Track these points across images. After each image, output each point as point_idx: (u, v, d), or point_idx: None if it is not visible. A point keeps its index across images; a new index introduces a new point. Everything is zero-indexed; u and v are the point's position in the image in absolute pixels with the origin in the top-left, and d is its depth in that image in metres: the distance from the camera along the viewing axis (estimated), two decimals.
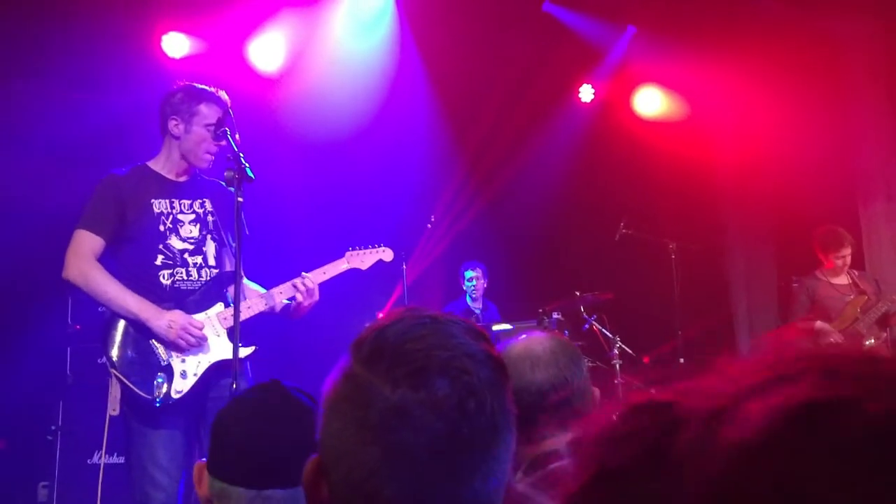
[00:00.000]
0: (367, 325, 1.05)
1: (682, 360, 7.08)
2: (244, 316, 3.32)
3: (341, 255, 3.81)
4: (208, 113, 3.45)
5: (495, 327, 6.66)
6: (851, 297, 6.06)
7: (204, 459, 1.49)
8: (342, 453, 0.95)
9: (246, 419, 1.46)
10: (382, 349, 0.96)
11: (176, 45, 6.19)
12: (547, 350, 1.84)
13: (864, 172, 7.23)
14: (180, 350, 3.30)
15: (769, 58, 6.87)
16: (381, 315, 6.71)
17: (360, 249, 3.85)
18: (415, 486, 0.92)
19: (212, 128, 3.43)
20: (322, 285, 3.71)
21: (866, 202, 7.23)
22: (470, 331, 1.01)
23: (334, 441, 0.97)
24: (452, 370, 0.94)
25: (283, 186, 6.11)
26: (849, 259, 6.10)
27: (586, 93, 7.96)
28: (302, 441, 1.41)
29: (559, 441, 1.79)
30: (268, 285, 3.64)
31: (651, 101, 8.07)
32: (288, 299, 3.61)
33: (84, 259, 3.31)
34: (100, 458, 4.10)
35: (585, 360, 6.23)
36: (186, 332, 3.28)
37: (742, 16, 6.84)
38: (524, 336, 1.91)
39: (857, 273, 6.20)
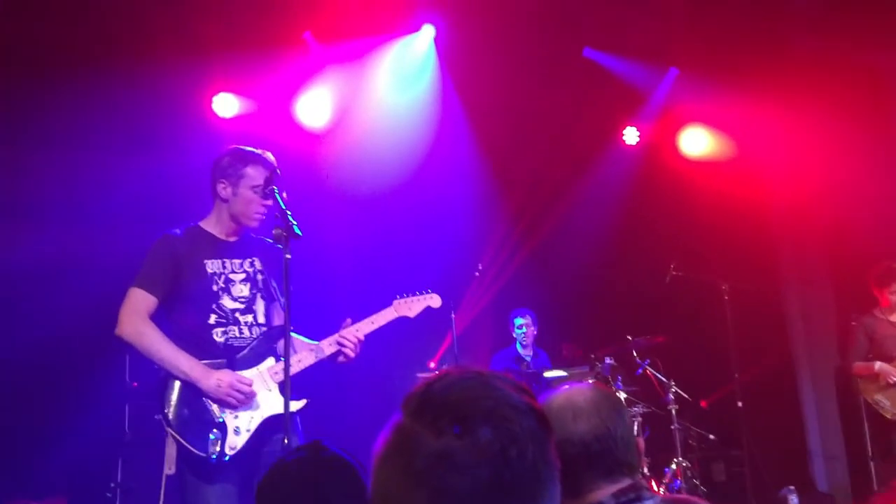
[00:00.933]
0: (419, 379, 1.08)
1: (740, 404, 6.91)
2: (295, 370, 3.36)
3: (389, 304, 3.83)
4: (255, 175, 3.54)
5: (548, 374, 6.60)
6: None
7: None
8: (390, 501, 0.98)
9: (284, 492, 1.48)
10: (429, 401, 1.00)
11: (226, 105, 6.39)
12: (589, 400, 1.83)
13: None
14: (231, 407, 3.34)
15: (816, 93, 6.80)
16: (431, 364, 6.71)
17: (407, 297, 3.86)
18: None
19: (259, 189, 3.52)
20: (372, 338, 3.72)
21: None
22: (514, 385, 1.04)
23: (383, 490, 1.00)
24: (495, 418, 0.97)
25: (331, 239, 6.19)
26: None
27: (631, 135, 7.95)
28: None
29: (604, 493, 1.76)
30: (318, 337, 3.67)
31: (697, 142, 8.01)
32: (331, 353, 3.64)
33: (138, 317, 3.39)
34: None
35: (638, 406, 6.12)
36: (235, 390, 3.32)
37: (785, 52, 6.80)
38: (566, 387, 1.90)
39: None
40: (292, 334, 3.68)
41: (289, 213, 3.29)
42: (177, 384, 3.35)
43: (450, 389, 1.00)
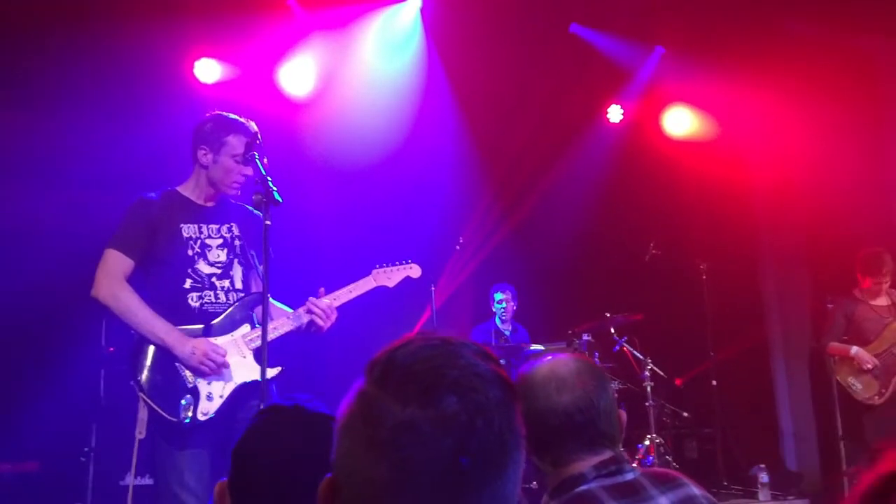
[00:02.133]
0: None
1: (714, 383, 7.00)
2: (270, 337, 3.35)
3: (368, 273, 3.81)
4: (237, 143, 3.51)
5: (526, 349, 6.64)
6: (890, 319, 5.94)
7: (225, 479, 1.50)
8: (353, 471, 0.97)
9: (263, 449, 1.46)
10: (393, 369, 0.98)
11: (208, 70, 6.30)
12: (573, 372, 1.83)
13: None
14: (203, 375, 3.33)
15: (800, 77, 6.81)
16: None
17: (386, 267, 3.85)
18: (422, 502, 0.93)
19: (240, 157, 3.50)
20: (351, 309, 3.72)
21: None
22: (479, 352, 1.02)
23: (346, 460, 0.98)
24: (461, 388, 0.95)
25: (312, 208, 6.16)
26: (886, 285, 6.01)
27: (615, 113, 7.94)
28: (321, 465, 1.40)
29: (585, 464, 1.77)
30: (296, 305, 3.66)
31: (680, 122, 8.02)
32: (304, 322, 3.63)
33: (114, 279, 3.36)
34: (130, 479, 4.13)
35: (614, 383, 6.16)
36: (208, 358, 3.31)
37: (772, 35, 6.80)
38: (549, 358, 1.90)
39: (894, 292, 6.10)
40: (271, 301, 3.67)
41: (269, 179, 3.26)
42: (150, 348, 3.33)
43: (414, 357, 0.98)
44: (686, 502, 1.74)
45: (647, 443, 6.44)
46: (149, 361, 3.32)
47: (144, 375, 3.31)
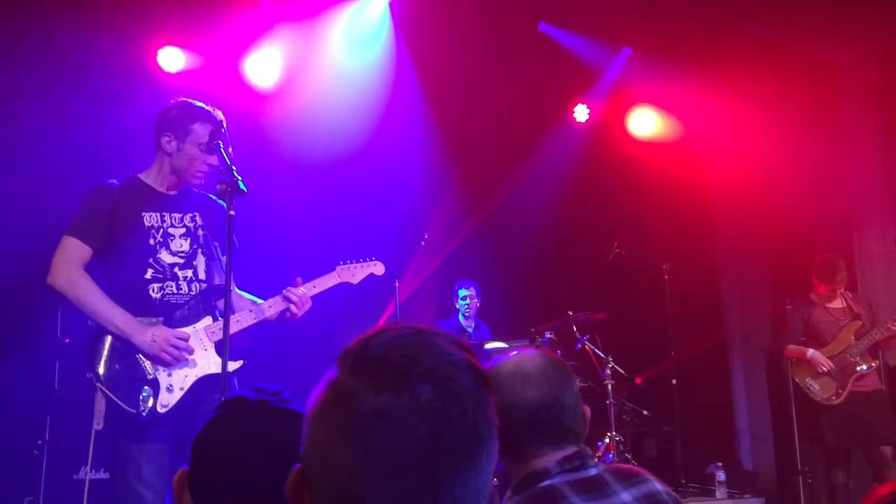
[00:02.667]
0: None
1: (674, 382, 7.08)
2: (233, 329, 3.30)
3: (332, 270, 3.79)
4: (202, 132, 3.44)
5: (489, 345, 6.64)
6: (846, 321, 6.05)
7: (186, 467, 1.46)
8: (324, 460, 0.95)
9: (224, 441, 1.43)
10: (367, 357, 0.97)
11: (172, 59, 6.20)
12: (538, 367, 1.83)
13: (856, 196, 7.26)
14: (165, 364, 3.27)
15: (763, 81, 6.91)
16: None
17: (350, 263, 3.83)
18: (395, 491, 0.92)
19: (204, 146, 3.43)
20: (314, 302, 3.69)
21: (859, 226, 7.25)
22: (454, 342, 1.01)
23: (317, 448, 0.97)
24: (436, 376, 0.94)
25: (276, 201, 6.10)
26: (841, 290, 6.13)
27: (581, 113, 7.99)
28: (282, 458, 1.38)
29: (549, 459, 1.77)
30: (259, 297, 3.62)
31: (645, 122, 8.10)
32: (276, 313, 3.59)
33: (71, 266, 3.28)
34: (86, 473, 4.06)
35: (577, 379, 6.25)
36: (170, 345, 3.25)
37: (736, 39, 6.89)
38: (514, 353, 1.89)
39: (850, 296, 6.20)
40: (240, 292, 3.64)
41: (234, 168, 3.21)
42: (108, 339, 3.26)
43: (388, 345, 0.97)
44: (649, 497, 1.75)
45: (606, 440, 6.49)
46: (107, 352, 3.25)
47: (102, 366, 3.23)
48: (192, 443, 1.47)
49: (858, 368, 5.89)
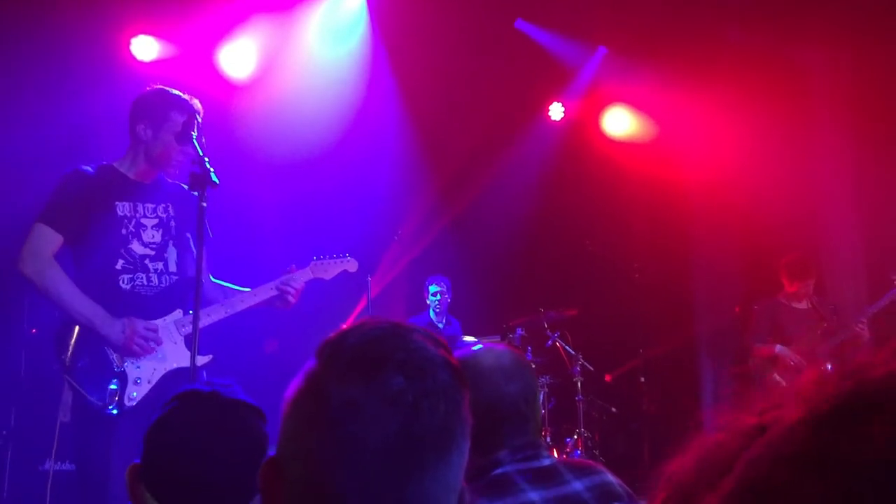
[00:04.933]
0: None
1: (642, 380, 7.14)
2: (204, 323, 3.28)
3: (306, 265, 3.79)
4: (178, 120, 3.41)
5: (464, 339, 6.66)
6: (812, 322, 6.14)
7: (138, 461, 1.46)
8: (297, 449, 0.97)
9: (176, 435, 1.43)
10: (342, 350, 0.99)
11: (145, 48, 6.13)
12: (514, 361, 1.87)
13: (827, 198, 7.36)
14: (134, 355, 3.24)
15: (737, 82, 6.98)
16: (344, 327, 6.65)
17: (324, 259, 3.83)
18: (365, 481, 0.93)
19: (179, 135, 3.40)
20: None
21: (828, 227, 7.35)
22: (430, 338, 1.03)
23: (291, 438, 0.99)
24: (409, 369, 0.96)
25: (249, 194, 6.06)
26: (810, 290, 6.20)
27: (556, 111, 8.02)
28: (234, 451, 1.38)
29: (505, 450, 1.79)
30: (235, 292, 3.61)
31: (620, 122, 8.14)
32: (260, 302, 3.59)
33: (41, 255, 3.24)
34: (50, 465, 4.01)
35: (546, 377, 6.23)
36: (139, 336, 3.22)
37: (711, 40, 6.95)
38: (481, 347, 1.91)
39: (816, 299, 6.29)
40: (217, 281, 3.62)
41: (206, 159, 3.18)
42: (76, 330, 3.22)
43: (364, 339, 0.99)
44: (601, 487, 1.77)
45: (575, 437, 6.54)
46: (74, 344, 3.21)
47: (70, 358, 3.20)
48: (145, 436, 1.47)
49: (826, 367, 5.98)
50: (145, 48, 6.13)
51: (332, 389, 0.95)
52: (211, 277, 3.61)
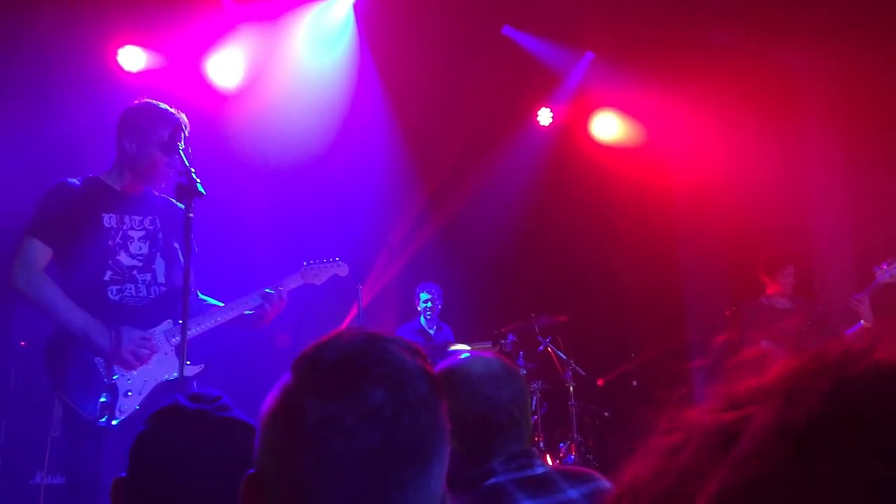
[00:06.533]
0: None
1: (634, 384, 7.14)
2: (193, 333, 3.27)
3: (296, 271, 3.77)
4: (163, 134, 3.42)
5: (452, 348, 6.65)
6: (794, 323, 6.14)
7: (124, 475, 1.45)
8: (275, 465, 0.96)
9: (159, 450, 1.42)
10: (319, 364, 0.97)
11: (133, 58, 6.11)
12: (504, 368, 1.86)
13: (815, 200, 7.39)
14: (128, 366, 3.23)
15: (725, 86, 7.00)
16: None
17: (314, 264, 3.82)
18: (345, 496, 0.93)
19: (165, 148, 3.40)
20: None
21: (817, 230, 7.38)
22: (407, 348, 1.02)
23: (269, 454, 0.97)
24: (388, 383, 0.95)
25: (238, 203, 6.04)
26: (792, 279, 6.19)
27: (545, 116, 8.03)
28: (218, 467, 1.37)
29: (499, 459, 1.78)
30: (221, 301, 3.59)
31: (608, 126, 8.17)
32: (249, 310, 3.57)
33: (31, 268, 3.24)
34: (42, 478, 3.99)
35: (538, 383, 6.20)
36: (134, 345, 3.21)
37: (698, 45, 6.98)
38: (468, 355, 1.90)
39: (800, 299, 6.30)
40: (202, 297, 3.60)
41: (192, 170, 3.18)
42: (67, 344, 3.21)
43: (341, 351, 0.98)
44: (597, 494, 1.76)
45: (568, 442, 6.53)
46: (65, 357, 3.20)
47: (60, 370, 3.19)
48: (129, 451, 1.45)
49: None
50: (133, 59, 6.11)
51: (310, 405, 0.94)
52: (199, 294, 3.60)
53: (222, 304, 3.55)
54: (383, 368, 0.96)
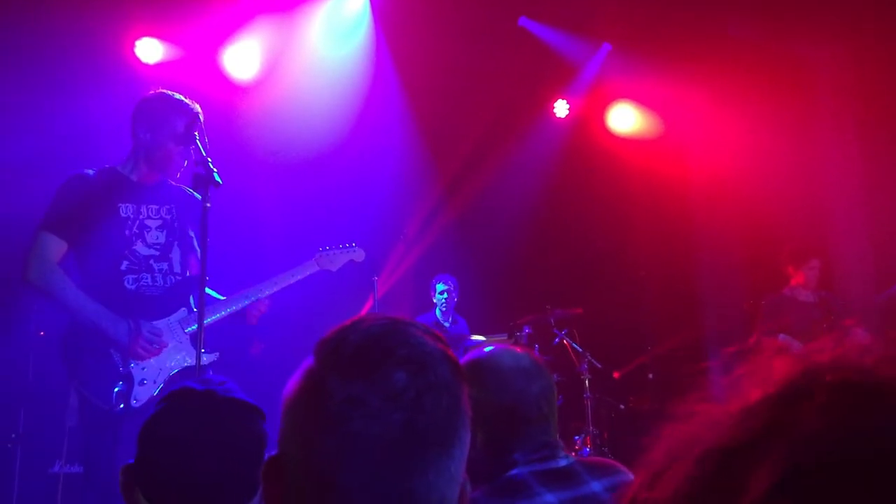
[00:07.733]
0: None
1: (650, 376, 7.11)
2: (208, 321, 3.28)
3: (311, 258, 3.76)
4: (179, 123, 3.43)
5: (472, 338, 6.66)
6: (816, 316, 6.10)
7: (132, 461, 1.46)
8: (299, 447, 0.97)
9: (169, 433, 1.42)
10: (343, 347, 0.98)
11: (150, 50, 6.14)
12: (532, 362, 1.86)
13: (832, 192, 7.33)
14: (139, 358, 3.25)
15: (741, 77, 6.95)
16: None
17: (329, 250, 3.81)
18: (368, 476, 0.94)
19: (181, 138, 3.41)
20: (294, 298, 3.67)
21: (834, 221, 7.32)
22: (429, 333, 1.04)
23: (292, 436, 0.98)
24: (411, 365, 0.96)
25: (254, 194, 6.06)
26: (818, 272, 6.14)
27: (561, 108, 8.00)
28: (227, 450, 1.37)
29: (522, 452, 1.77)
30: (239, 289, 3.60)
31: (625, 118, 8.12)
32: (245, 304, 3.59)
33: (46, 262, 3.26)
34: (60, 467, 4.02)
35: (554, 375, 6.27)
36: (145, 340, 3.23)
37: (715, 36, 6.92)
38: (493, 348, 1.89)
39: (824, 293, 6.25)
40: (209, 291, 3.61)
41: (209, 160, 3.18)
42: (83, 333, 3.23)
43: (364, 335, 0.99)
44: (620, 487, 1.75)
45: (583, 435, 6.52)
46: (80, 347, 3.22)
47: (76, 361, 3.21)
48: (138, 435, 1.46)
49: None
50: (150, 50, 6.14)
51: (334, 386, 0.95)
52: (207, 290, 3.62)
53: (223, 298, 3.57)
54: (406, 351, 0.97)
